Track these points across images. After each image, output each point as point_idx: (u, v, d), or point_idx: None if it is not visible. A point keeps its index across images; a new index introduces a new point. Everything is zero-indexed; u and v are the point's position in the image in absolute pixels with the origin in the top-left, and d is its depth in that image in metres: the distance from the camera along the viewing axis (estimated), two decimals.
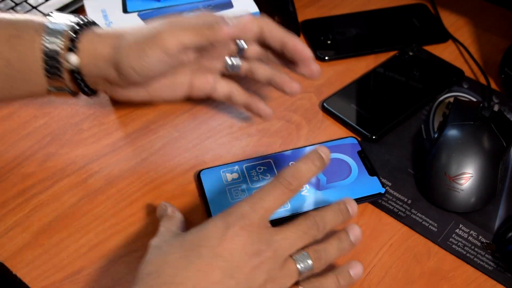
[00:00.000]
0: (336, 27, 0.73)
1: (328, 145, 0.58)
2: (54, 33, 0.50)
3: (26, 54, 0.50)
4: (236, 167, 0.55)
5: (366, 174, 0.55)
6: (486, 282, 0.50)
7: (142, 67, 0.49)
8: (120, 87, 0.52)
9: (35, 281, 0.49)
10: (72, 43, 0.50)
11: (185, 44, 0.49)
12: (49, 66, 0.50)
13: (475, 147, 0.54)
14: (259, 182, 0.54)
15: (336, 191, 0.54)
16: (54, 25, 0.50)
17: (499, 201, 0.55)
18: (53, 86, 0.51)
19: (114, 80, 0.51)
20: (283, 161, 0.56)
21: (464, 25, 0.75)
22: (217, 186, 0.54)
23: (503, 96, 0.65)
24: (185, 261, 0.40)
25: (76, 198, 0.55)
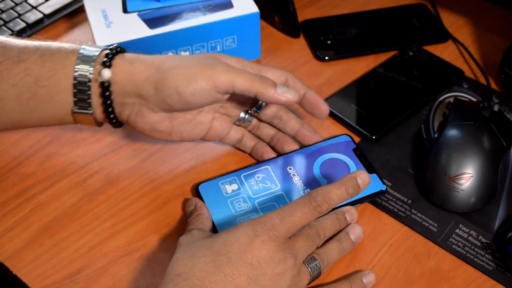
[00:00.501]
0: (336, 27, 0.73)
1: (322, 145, 0.57)
2: (89, 54, 0.50)
3: (56, 71, 0.50)
4: (234, 177, 0.55)
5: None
6: (486, 282, 0.50)
7: (186, 90, 0.49)
8: (150, 109, 0.51)
9: (35, 281, 0.49)
10: (108, 59, 0.50)
11: (234, 87, 0.50)
12: (79, 83, 0.50)
13: (475, 147, 0.54)
14: (260, 191, 0.54)
15: None
16: (88, 49, 0.51)
17: (499, 201, 0.55)
18: (78, 106, 0.51)
19: (148, 98, 0.50)
20: (280, 166, 0.56)
21: (464, 25, 0.75)
22: (218, 200, 0.53)
23: (503, 96, 0.65)
24: (213, 265, 0.42)
25: (76, 198, 0.55)
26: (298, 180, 0.55)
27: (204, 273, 0.41)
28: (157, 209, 0.54)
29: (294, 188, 0.54)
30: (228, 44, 0.66)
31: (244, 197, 0.53)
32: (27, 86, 0.49)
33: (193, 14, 0.64)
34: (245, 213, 0.52)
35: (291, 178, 0.55)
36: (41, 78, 0.50)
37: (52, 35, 0.73)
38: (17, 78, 0.49)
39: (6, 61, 0.50)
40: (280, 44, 0.72)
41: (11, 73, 0.49)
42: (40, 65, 0.50)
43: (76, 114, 0.51)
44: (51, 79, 0.50)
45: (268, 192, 0.54)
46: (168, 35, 0.62)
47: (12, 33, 0.71)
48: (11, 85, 0.49)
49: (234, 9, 0.64)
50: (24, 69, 0.49)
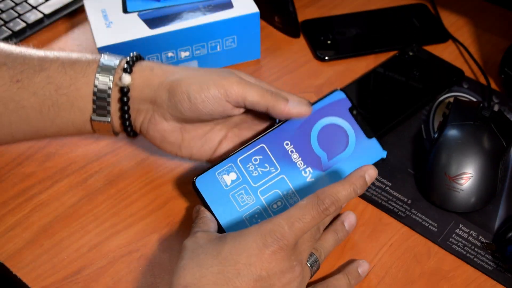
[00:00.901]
0: (336, 27, 0.73)
1: (316, 107, 0.53)
2: (110, 63, 0.51)
3: (77, 79, 0.50)
4: (230, 164, 0.51)
5: (364, 138, 0.53)
6: (486, 282, 0.50)
7: (198, 97, 0.49)
8: (162, 116, 0.51)
9: (35, 281, 0.49)
10: (128, 66, 0.51)
11: (246, 99, 0.49)
12: (99, 90, 0.50)
13: (475, 147, 0.54)
14: (260, 178, 0.51)
15: (340, 168, 0.51)
16: (109, 58, 0.52)
17: (499, 201, 0.55)
18: (97, 114, 0.51)
19: (162, 103, 0.50)
20: (276, 142, 0.52)
21: (464, 25, 0.75)
22: (218, 194, 0.50)
23: (503, 96, 0.65)
24: (223, 277, 0.41)
25: (76, 198, 0.55)
26: (297, 158, 0.52)
27: (213, 286, 0.41)
28: (157, 209, 0.54)
29: (294, 169, 0.51)
30: (228, 44, 0.66)
31: (246, 188, 0.51)
32: (48, 94, 0.50)
33: (193, 14, 0.64)
34: (250, 208, 0.50)
35: (289, 157, 0.52)
36: (62, 86, 0.50)
37: (52, 35, 0.73)
38: (38, 86, 0.50)
39: (27, 70, 0.50)
40: (280, 44, 0.72)
41: (32, 81, 0.50)
42: (62, 73, 0.50)
43: (94, 122, 0.51)
44: (72, 87, 0.50)
45: (269, 178, 0.51)
46: (168, 35, 0.62)
47: (12, 33, 0.71)
48: (32, 93, 0.50)
49: (234, 9, 0.64)
50: (46, 77, 0.50)
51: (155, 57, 0.64)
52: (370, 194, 0.56)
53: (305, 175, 0.51)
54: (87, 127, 0.52)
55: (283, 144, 0.52)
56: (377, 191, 0.56)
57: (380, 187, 0.56)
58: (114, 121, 0.52)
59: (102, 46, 0.61)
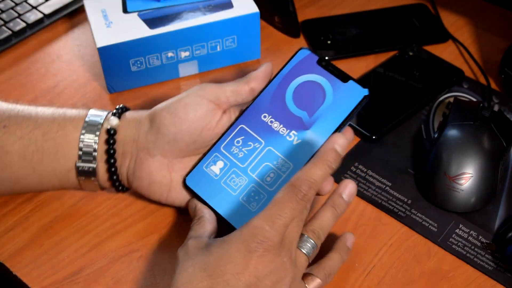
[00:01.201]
0: (336, 27, 0.73)
1: (285, 71, 0.52)
2: (99, 113, 0.52)
3: (65, 125, 0.50)
4: (215, 154, 0.51)
5: (340, 84, 0.51)
6: (486, 282, 0.50)
7: (177, 106, 0.49)
8: (147, 153, 0.50)
9: (35, 281, 0.49)
10: (117, 111, 0.52)
11: (225, 91, 0.50)
12: (87, 131, 0.50)
13: (475, 147, 0.54)
14: (247, 157, 0.50)
15: (324, 120, 0.50)
16: (98, 111, 0.52)
17: (499, 201, 0.55)
18: (82, 160, 0.50)
19: (145, 135, 0.50)
20: (254, 118, 0.51)
21: (464, 25, 0.75)
22: (211, 187, 0.50)
23: (503, 96, 0.65)
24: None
25: (76, 198, 0.55)
26: (278, 125, 0.50)
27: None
28: (157, 209, 0.54)
29: (279, 137, 0.50)
30: (228, 44, 0.66)
31: (235, 171, 0.50)
32: (34, 139, 0.50)
33: (193, 14, 0.64)
34: (244, 189, 0.49)
35: (270, 127, 0.51)
36: (49, 131, 0.50)
37: (52, 35, 0.73)
38: (25, 131, 0.50)
39: (15, 117, 0.51)
40: (280, 44, 0.72)
41: (20, 127, 0.50)
42: (51, 120, 0.51)
43: (78, 171, 0.50)
44: (59, 133, 0.50)
45: (256, 154, 0.50)
46: (168, 35, 0.62)
47: (12, 33, 0.71)
48: (18, 137, 0.50)
49: (234, 9, 0.64)
50: (33, 123, 0.50)
51: (155, 57, 0.64)
52: (370, 194, 0.56)
53: (290, 139, 0.50)
54: (70, 177, 0.51)
55: (261, 117, 0.51)
56: (377, 191, 0.56)
57: (380, 187, 0.56)
58: (100, 169, 0.51)
59: (102, 46, 0.61)
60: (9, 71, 0.69)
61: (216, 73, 0.68)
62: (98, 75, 0.68)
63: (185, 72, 0.67)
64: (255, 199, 0.49)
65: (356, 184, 0.48)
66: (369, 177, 0.57)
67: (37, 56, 0.70)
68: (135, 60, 0.63)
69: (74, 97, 0.65)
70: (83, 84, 0.67)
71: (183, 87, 0.66)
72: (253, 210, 0.49)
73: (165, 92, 0.66)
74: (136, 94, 0.65)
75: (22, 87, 0.67)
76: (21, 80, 0.67)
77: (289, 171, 0.49)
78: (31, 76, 0.68)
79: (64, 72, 0.68)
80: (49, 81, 0.67)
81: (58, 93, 0.66)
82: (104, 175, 0.52)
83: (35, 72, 0.68)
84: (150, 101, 0.64)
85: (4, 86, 0.67)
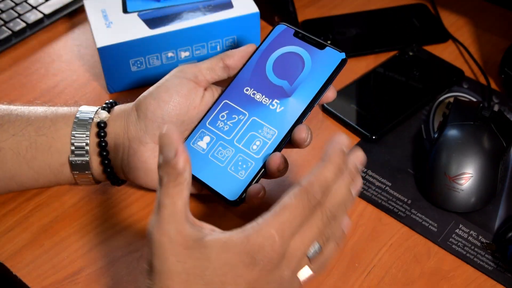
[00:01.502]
0: (336, 27, 0.73)
1: (263, 47, 0.54)
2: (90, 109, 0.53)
3: (57, 121, 0.51)
4: (201, 130, 0.52)
5: (317, 51, 0.52)
6: (486, 282, 0.50)
7: (159, 90, 0.51)
8: (138, 142, 0.50)
9: (35, 281, 0.49)
10: (106, 106, 0.53)
11: (201, 69, 0.52)
12: (78, 126, 0.51)
13: (475, 147, 0.54)
14: (233, 129, 0.51)
15: (305, 86, 0.51)
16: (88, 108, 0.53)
17: (499, 201, 0.55)
18: (75, 154, 0.51)
19: (133, 126, 0.50)
20: (236, 93, 0.52)
21: (464, 25, 0.75)
22: (200, 162, 0.51)
23: (503, 96, 0.65)
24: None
25: (76, 198, 0.55)
26: (261, 96, 0.52)
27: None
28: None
29: (262, 107, 0.51)
30: (228, 44, 0.66)
31: (222, 144, 0.51)
32: (27, 135, 0.50)
33: (193, 14, 0.64)
34: (232, 159, 0.50)
35: (253, 99, 0.52)
36: (42, 127, 0.51)
37: (52, 35, 0.73)
38: (18, 128, 0.50)
39: (8, 115, 0.51)
40: None
41: (13, 125, 0.51)
42: (43, 117, 0.51)
43: (72, 165, 0.51)
44: (52, 128, 0.51)
45: (241, 125, 0.51)
46: (168, 35, 0.62)
47: (12, 33, 0.71)
48: (11, 134, 0.50)
49: (234, 9, 0.64)
50: (26, 120, 0.51)
51: (155, 57, 0.64)
52: (370, 194, 0.56)
53: (273, 107, 0.51)
54: (65, 172, 0.51)
55: (243, 91, 0.53)
56: (377, 191, 0.56)
57: (380, 187, 0.56)
58: (93, 162, 0.51)
59: (102, 46, 0.61)
60: (9, 71, 0.69)
61: None
62: (98, 75, 0.68)
63: None
64: (243, 168, 0.50)
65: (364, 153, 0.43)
66: (369, 177, 0.57)
67: (37, 56, 0.70)
68: (135, 60, 0.63)
69: (74, 97, 0.65)
70: (83, 84, 0.67)
71: None
72: (242, 179, 0.50)
73: None
74: (136, 94, 0.65)
75: (22, 87, 0.67)
76: (21, 80, 0.67)
77: (274, 137, 0.50)
78: (31, 76, 0.68)
79: (64, 72, 0.68)
80: (49, 81, 0.67)
81: (58, 93, 0.66)
82: (98, 168, 0.52)
83: (35, 72, 0.68)
84: None
85: (4, 86, 0.67)
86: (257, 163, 0.50)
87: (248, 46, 0.54)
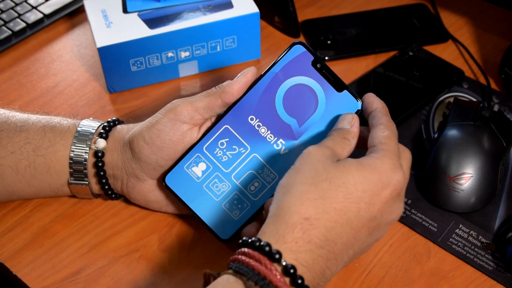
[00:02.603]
0: (336, 27, 0.73)
1: (276, 69, 0.48)
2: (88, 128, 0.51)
3: (55, 141, 0.50)
4: (197, 154, 0.49)
5: (334, 92, 0.48)
6: (486, 282, 0.50)
7: (151, 134, 0.48)
8: (137, 178, 0.50)
9: (35, 281, 0.49)
10: (104, 131, 0.51)
11: (197, 109, 0.48)
12: (76, 155, 0.50)
13: (475, 147, 0.54)
14: (231, 162, 0.49)
15: (314, 132, 0.48)
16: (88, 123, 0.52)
17: (499, 201, 0.55)
18: (74, 178, 0.50)
19: (129, 164, 0.50)
20: (240, 120, 0.49)
21: (464, 25, 0.75)
22: (192, 189, 0.49)
23: (503, 96, 0.65)
24: (344, 215, 0.41)
25: (76, 198, 0.55)
26: (265, 131, 0.48)
27: (333, 224, 0.40)
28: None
29: (265, 144, 0.48)
30: (228, 44, 0.66)
31: (219, 176, 0.49)
32: (25, 154, 0.50)
33: (193, 14, 0.64)
34: (227, 196, 0.49)
35: (257, 132, 0.48)
36: (40, 147, 0.50)
37: (52, 35, 0.73)
38: (17, 146, 0.50)
39: (7, 130, 0.50)
40: (280, 44, 0.72)
41: (11, 141, 0.50)
42: (42, 135, 0.50)
43: (72, 186, 0.51)
44: (50, 149, 0.50)
45: (241, 160, 0.49)
46: (168, 35, 0.62)
47: (12, 33, 0.71)
48: (10, 152, 0.50)
49: (234, 9, 0.64)
50: (25, 138, 0.50)
51: (155, 57, 0.64)
52: None
53: (277, 148, 0.48)
54: (65, 190, 0.52)
55: (247, 120, 0.49)
56: None
57: None
58: (93, 184, 0.51)
59: (102, 46, 0.61)
60: (9, 71, 0.69)
61: (216, 73, 0.68)
62: (98, 75, 0.68)
63: (185, 72, 0.67)
64: (238, 208, 0.48)
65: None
66: None
67: (37, 56, 0.70)
68: (135, 60, 0.63)
69: (74, 97, 0.65)
70: (83, 84, 0.67)
71: (183, 87, 0.66)
72: (236, 219, 0.49)
73: (165, 92, 0.66)
74: (136, 94, 0.65)
75: (22, 87, 0.67)
76: (21, 80, 0.67)
77: (274, 182, 0.48)
78: (31, 76, 0.68)
79: (64, 72, 0.68)
80: (49, 81, 0.67)
81: (58, 93, 0.66)
82: (98, 190, 0.52)
83: (35, 72, 0.68)
84: (150, 101, 0.64)
85: (4, 86, 0.67)
86: (253, 206, 0.48)
87: (247, 73, 0.48)
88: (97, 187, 0.52)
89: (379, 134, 0.44)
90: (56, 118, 0.52)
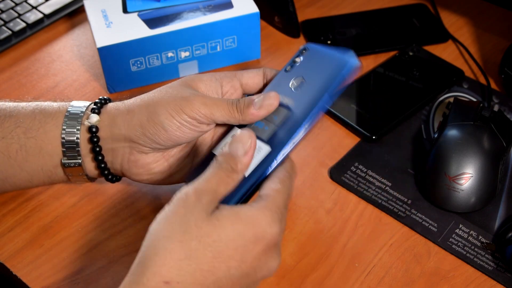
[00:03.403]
0: (336, 27, 0.73)
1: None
2: (79, 105, 0.50)
3: (46, 122, 0.49)
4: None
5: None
6: (486, 282, 0.50)
7: (172, 124, 0.47)
8: (141, 151, 0.49)
9: (35, 282, 0.49)
10: (96, 107, 0.50)
11: (215, 120, 0.48)
12: (67, 133, 0.49)
13: (475, 147, 0.54)
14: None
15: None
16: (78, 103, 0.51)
17: (499, 201, 0.55)
18: (67, 157, 0.49)
19: (137, 139, 0.48)
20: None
21: (464, 25, 0.75)
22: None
23: (503, 96, 0.65)
24: (211, 275, 0.38)
25: (76, 198, 0.55)
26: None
27: (197, 287, 0.38)
28: (157, 209, 0.54)
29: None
30: (228, 44, 0.66)
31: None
32: (16, 138, 0.49)
33: (193, 14, 0.64)
34: None
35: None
36: (31, 129, 0.49)
37: (52, 35, 0.73)
38: (7, 131, 0.49)
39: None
40: (280, 44, 0.72)
41: (1, 127, 0.49)
42: (31, 117, 0.50)
43: (65, 168, 0.50)
44: (40, 130, 0.49)
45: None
46: (168, 35, 0.62)
47: (12, 33, 0.71)
48: (0, 137, 0.49)
49: (234, 9, 0.64)
50: (14, 122, 0.49)
51: (155, 57, 0.64)
52: (370, 194, 0.56)
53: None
54: (58, 173, 0.51)
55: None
56: (377, 191, 0.56)
57: (380, 187, 0.56)
58: (87, 164, 0.50)
59: (102, 46, 0.61)
60: (9, 71, 0.69)
61: None
62: (98, 75, 0.68)
63: (185, 72, 0.67)
64: None
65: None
66: (369, 177, 0.57)
67: (37, 56, 0.70)
68: (135, 60, 0.63)
69: (74, 97, 0.65)
70: (83, 84, 0.67)
71: None
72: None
73: None
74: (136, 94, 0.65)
75: (22, 87, 0.67)
76: (21, 80, 0.67)
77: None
78: (31, 76, 0.68)
79: (64, 72, 0.68)
80: (49, 81, 0.67)
81: (58, 93, 0.66)
82: (93, 170, 0.51)
83: (35, 72, 0.68)
84: None
85: (4, 86, 0.67)
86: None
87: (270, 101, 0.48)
88: (92, 165, 0.50)
89: (271, 186, 0.43)
90: (45, 102, 0.52)
